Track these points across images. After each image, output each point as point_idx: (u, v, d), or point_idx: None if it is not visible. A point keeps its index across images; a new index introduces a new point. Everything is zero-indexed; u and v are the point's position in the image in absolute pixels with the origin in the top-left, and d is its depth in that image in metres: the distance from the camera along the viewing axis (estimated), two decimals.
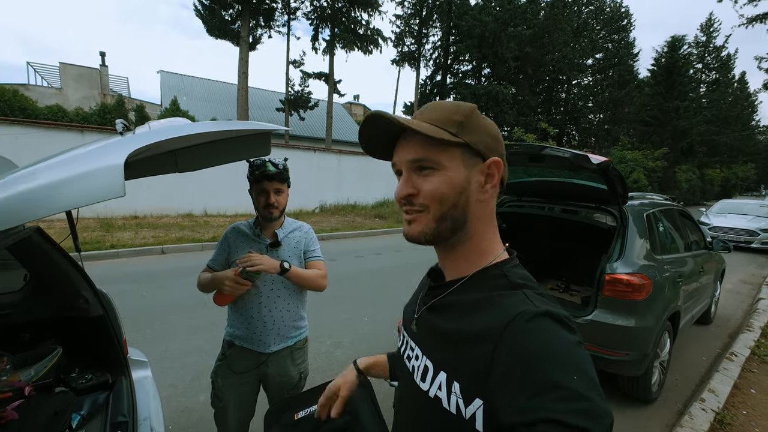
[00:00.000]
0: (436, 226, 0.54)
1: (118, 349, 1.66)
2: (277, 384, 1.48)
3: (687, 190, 23.93)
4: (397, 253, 7.13)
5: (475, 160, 0.55)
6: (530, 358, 0.42)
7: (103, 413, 1.40)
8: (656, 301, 2.40)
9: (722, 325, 4.14)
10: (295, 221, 1.58)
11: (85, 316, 1.63)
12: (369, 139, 0.60)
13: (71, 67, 16.94)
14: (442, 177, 0.53)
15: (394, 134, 0.57)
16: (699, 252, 3.45)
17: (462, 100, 7.47)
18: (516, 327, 0.45)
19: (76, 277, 1.62)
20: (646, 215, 2.69)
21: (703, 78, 31.30)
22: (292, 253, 1.49)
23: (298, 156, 11.37)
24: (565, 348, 0.43)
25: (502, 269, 0.55)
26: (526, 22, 19.89)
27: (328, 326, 3.55)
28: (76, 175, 0.64)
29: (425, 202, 0.54)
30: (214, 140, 0.93)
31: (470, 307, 0.53)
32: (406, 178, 0.56)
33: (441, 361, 0.53)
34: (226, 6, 13.70)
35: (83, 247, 5.86)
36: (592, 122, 26.19)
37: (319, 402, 0.90)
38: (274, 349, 1.45)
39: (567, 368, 0.41)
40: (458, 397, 0.48)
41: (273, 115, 18.66)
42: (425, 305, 0.62)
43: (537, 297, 0.50)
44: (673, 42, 24.22)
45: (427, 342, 0.58)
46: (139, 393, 1.62)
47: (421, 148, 0.53)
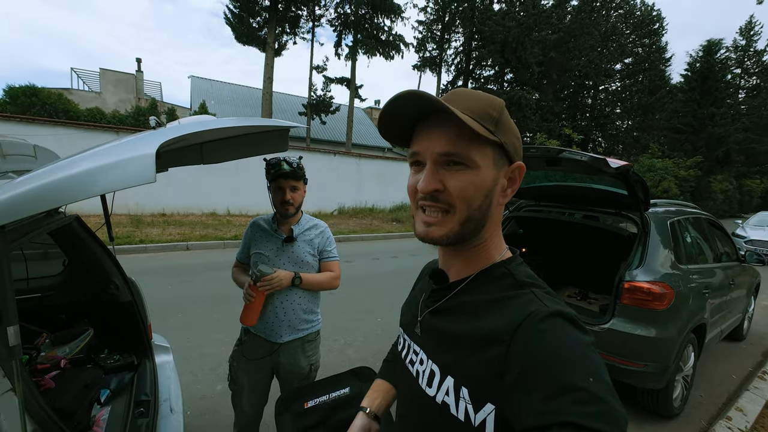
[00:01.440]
0: (460, 229, 0.51)
1: (143, 334, 1.77)
2: (288, 373, 1.53)
3: (723, 201, 22.64)
4: (413, 257, 7.13)
5: (503, 161, 0.52)
6: (544, 360, 0.41)
7: (128, 391, 1.50)
8: (679, 312, 2.31)
9: (756, 342, 3.91)
10: (312, 218, 1.62)
11: (116, 302, 1.75)
12: (392, 120, 0.53)
13: (110, 73, 18.01)
14: (472, 176, 0.49)
15: (417, 119, 0.52)
16: (730, 264, 3.28)
17: None
18: (528, 328, 0.44)
19: (108, 264, 1.75)
20: (670, 222, 2.60)
21: (743, 84, 29.65)
22: (305, 249, 1.53)
23: (319, 159, 11.58)
24: (580, 349, 0.41)
25: (507, 267, 0.54)
26: (551, 26, 19.54)
27: (342, 326, 3.61)
28: (112, 162, 0.71)
29: (452, 201, 0.50)
30: (236, 135, 1.00)
31: (477, 309, 0.51)
32: (432, 171, 0.50)
33: (448, 365, 0.51)
34: (254, 14, 14.22)
35: (115, 242, 6.22)
36: (620, 129, 25.32)
37: None
38: (286, 340, 1.50)
39: (582, 370, 0.39)
40: (467, 403, 0.47)
41: (295, 118, 19.09)
42: (428, 308, 0.60)
43: (546, 296, 0.49)
44: (709, 46, 23.13)
45: (433, 345, 0.57)
46: (161, 376, 1.72)
47: (456, 141, 0.48)
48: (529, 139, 18.69)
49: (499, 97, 0.53)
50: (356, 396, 1.55)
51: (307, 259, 1.52)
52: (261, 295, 1.42)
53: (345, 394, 1.53)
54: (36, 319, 1.61)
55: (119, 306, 1.74)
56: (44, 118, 8.30)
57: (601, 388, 0.38)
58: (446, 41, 20.28)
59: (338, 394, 1.51)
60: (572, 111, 24.64)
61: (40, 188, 0.69)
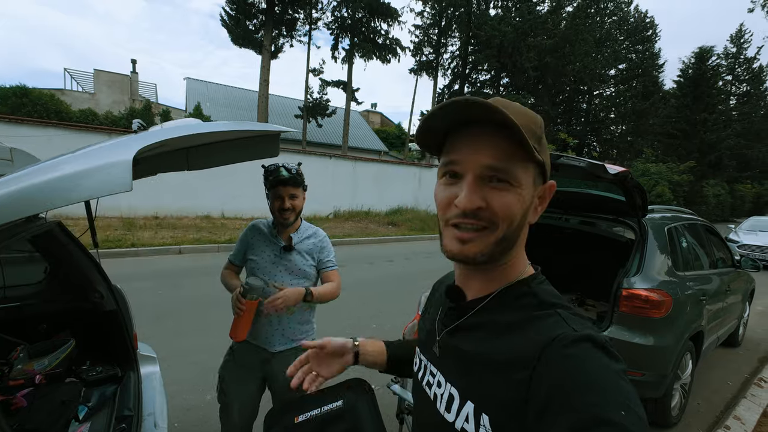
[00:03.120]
0: (495, 247, 0.48)
1: (128, 344, 1.71)
2: (281, 384, 1.48)
3: (715, 205, 22.92)
4: (408, 261, 7.08)
5: (539, 180, 0.50)
6: (571, 388, 0.38)
7: (110, 406, 1.43)
8: (677, 320, 2.28)
9: (752, 348, 3.91)
10: (311, 226, 1.59)
11: (99, 310, 1.68)
12: (433, 125, 0.49)
13: (104, 74, 17.87)
14: (516, 195, 0.47)
15: (454, 126, 0.49)
16: (725, 270, 3.28)
17: None
18: (555, 352, 0.42)
19: (92, 272, 1.68)
20: (667, 229, 2.58)
21: (733, 90, 30.13)
22: (304, 258, 1.49)
23: (314, 162, 11.53)
24: (611, 378, 0.39)
25: (529, 286, 0.51)
26: (546, 32, 19.72)
27: (335, 331, 3.55)
28: (85, 169, 0.66)
29: (495, 219, 0.47)
30: (224, 140, 0.95)
31: (500, 330, 0.49)
32: (476, 187, 0.46)
33: (468, 389, 0.49)
34: (250, 16, 14.19)
35: (105, 245, 6.11)
36: (614, 134, 25.57)
37: (298, 359, 0.80)
38: (279, 349, 1.46)
39: (614, 401, 0.37)
40: (487, 431, 0.44)
41: (291, 121, 19.07)
42: (446, 327, 0.57)
43: (573, 318, 0.46)
44: (701, 53, 23.53)
45: (451, 368, 0.54)
46: (146, 388, 1.65)
47: (504, 156, 0.45)
48: None
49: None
50: (349, 410, 1.49)
51: (304, 269, 1.47)
52: (250, 307, 1.36)
53: (338, 407, 1.47)
54: (14, 330, 1.54)
55: (103, 315, 1.68)
56: (35, 119, 8.18)
57: (633, 423, 0.35)
58: (443, 45, 20.38)
59: (330, 408, 1.46)
60: (568, 116, 24.84)
61: (5, 197, 0.64)
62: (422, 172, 14.10)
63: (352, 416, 1.56)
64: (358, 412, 1.57)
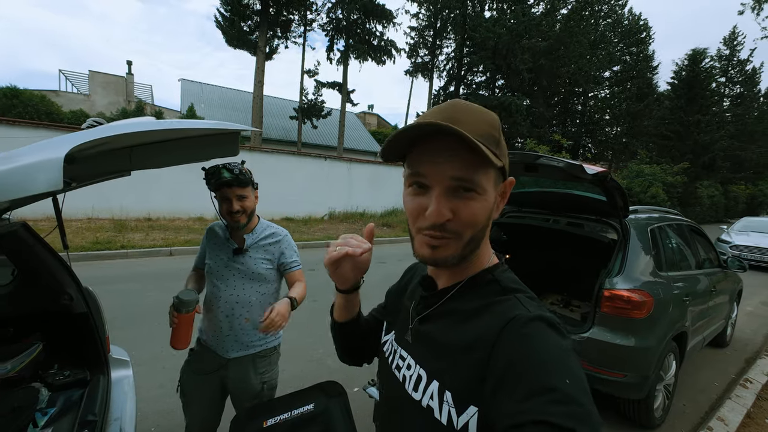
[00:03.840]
0: (463, 251, 0.52)
1: (99, 347, 1.68)
2: (237, 390, 1.45)
3: (709, 206, 23.03)
4: (401, 262, 7.06)
5: (499, 180, 0.53)
6: (524, 362, 0.42)
7: (75, 411, 1.40)
8: (659, 320, 2.27)
9: (740, 349, 3.91)
10: (270, 226, 1.51)
11: (69, 313, 1.65)
12: (397, 145, 0.50)
13: (99, 75, 17.80)
14: (481, 202, 0.49)
15: (416, 138, 0.49)
16: (712, 270, 3.28)
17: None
18: (510, 332, 0.45)
19: (61, 273, 1.65)
20: (650, 229, 2.58)
21: (727, 92, 30.35)
22: (260, 260, 1.42)
23: (309, 163, 11.50)
24: (558, 352, 0.42)
25: (493, 274, 0.55)
26: (541, 34, 19.81)
27: (323, 335, 3.51)
28: (13, 168, 0.64)
29: (459, 229, 0.49)
30: (178, 139, 0.93)
31: (466, 315, 0.52)
32: (444, 200, 0.48)
33: (435, 370, 0.52)
34: (244, 17, 14.16)
35: (95, 247, 6.06)
36: (609, 135, 25.68)
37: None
38: (233, 356, 1.41)
39: (560, 372, 0.40)
40: (450, 407, 0.47)
41: (286, 122, 19.04)
42: (418, 315, 0.60)
43: (529, 301, 0.50)
44: (694, 55, 23.69)
45: (422, 352, 0.57)
46: (116, 393, 1.62)
47: (467, 167, 0.47)
48: (520, 145, 18.83)
49: (491, 103, 0.53)
50: (321, 413, 1.46)
51: (260, 271, 1.42)
52: (184, 320, 1.34)
53: (309, 411, 1.44)
54: None
55: (73, 318, 1.65)
56: (25, 120, 8.11)
57: (577, 391, 0.39)
58: (438, 47, 20.43)
59: (301, 411, 1.42)
60: (563, 117, 24.93)
61: None
62: None
63: (324, 419, 1.53)
64: (331, 415, 1.55)
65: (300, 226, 10.06)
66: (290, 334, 3.46)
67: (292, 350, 3.16)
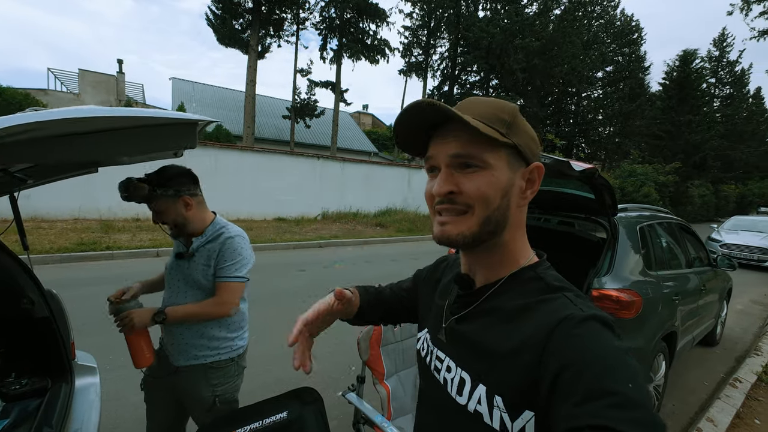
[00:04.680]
0: (479, 229, 0.50)
1: (62, 354, 1.59)
2: (187, 401, 1.38)
3: (701, 206, 23.30)
4: (394, 262, 7.00)
5: (519, 163, 0.52)
6: (580, 364, 0.40)
7: (30, 422, 1.32)
8: (648, 321, 2.23)
9: (729, 347, 3.90)
10: (224, 226, 1.35)
11: (29, 318, 1.56)
12: (407, 131, 0.54)
13: (89, 74, 17.52)
14: (487, 177, 0.49)
15: (431, 127, 0.53)
16: (701, 269, 3.25)
17: None
18: (564, 331, 0.43)
19: (21, 276, 1.56)
20: (639, 228, 2.54)
21: (717, 92, 30.76)
22: (201, 266, 1.29)
23: (301, 163, 11.40)
24: (618, 354, 0.40)
25: (536, 271, 0.53)
26: (534, 34, 19.88)
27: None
28: None
29: (470, 202, 0.50)
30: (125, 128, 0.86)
31: (509, 315, 0.50)
32: (447, 174, 0.51)
33: (479, 372, 0.50)
34: (236, 16, 14.02)
35: (79, 248, 5.92)
36: (602, 135, 25.88)
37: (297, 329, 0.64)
38: (181, 364, 1.33)
39: (621, 375, 0.38)
40: (502, 412, 0.46)
41: (279, 122, 18.90)
42: (454, 315, 0.58)
43: (580, 300, 0.48)
44: (685, 56, 23.96)
45: (462, 353, 0.55)
46: (81, 401, 1.54)
47: (468, 144, 0.49)
48: None
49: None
50: (295, 420, 1.39)
51: (198, 278, 1.29)
52: (132, 334, 1.27)
53: (282, 419, 1.37)
54: None
55: (34, 323, 1.56)
56: None
57: (640, 395, 0.37)
58: (432, 47, 20.42)
59: (273, 420, 1.35)
60: (556, 117, 25.06)
61: None
62: (411, 174, 14.05)
63: (298, 427, 1.45)
64: (305, 422, 1.47)
65: (292, 227, 9.96)
66: (276, 336, 3.38)
67: (277, 353, 3.08)
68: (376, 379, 1.69)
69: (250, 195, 10.35)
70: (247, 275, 1.35)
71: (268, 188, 10.66)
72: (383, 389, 1.67)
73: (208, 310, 1.29)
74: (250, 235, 1.47)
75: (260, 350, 3.11)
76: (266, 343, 3.23)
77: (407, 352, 1.81)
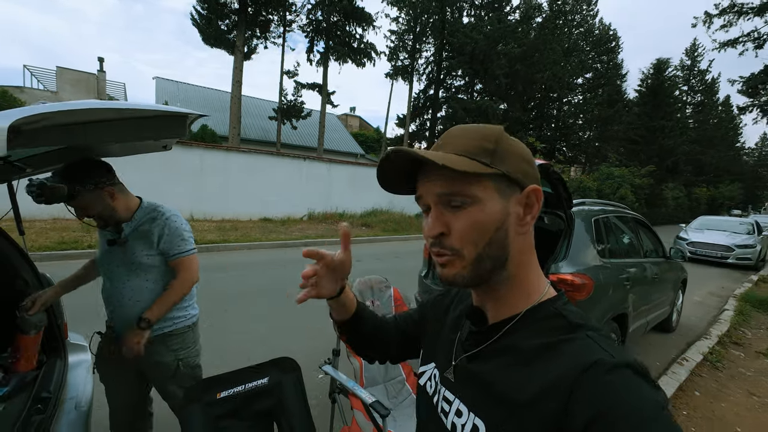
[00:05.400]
0: (474, 269, 0.48)
1: (56, 333, 1.70)
2: (151, 370, 1.46)
3: (675, 207, 24.36)
4: (378, 261, 7.18)
5: (511, 189, 0.48)
6: (618, 416, 0.37)
7: (29, 390, 1.43)
8: (599, 302, 2.48)
9: (684, 333, 4.23)
10: (154, 208, 1.40)
11: (24, 298, 1.67)
12: (387, 176, 0.54)
13: (68, 72, 17.12)
14: (476, 213, 0.47)
15: (417, 169, 0.52)
16: (655, 260, 3.55)
17: (453, 115, 7.70)
18: (594, 379, 0.39)
19: (17, 258, 1.67)
20: (594, 219, 2.80)
21: (689, 100, 32.25)
22: (140, 248, 1.34)
23: (287, 164, 11.47)
24: (655, 408, 0.37)
25: (555, 307, 0.49)
26: (516, 40, 20.51)
27: (291, 329, 3.58)
28: None
29: (456, 245, 0.48)
30: (123, 119, 1.01)
31: (528, 355, 0.46)
32: (437, 214, 0.49)
33: (496, 420, 0.46)
34: (222, 16, 14.02)
35: (60, 247, 5.87)
36: (582, 139, 26.78)
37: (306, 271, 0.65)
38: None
39: (659, 430, 0.36)
40: None
41: (265, 123, 18.88)
42: (466, 352, 0.54)
43: (607, 342, 0.44)
44: (659, 64, 25.11)
45: (474, 396, 0.50)
46: (74, 375, 1.65)
47: (452, 181, 0.47)
48: None
49: (469, 107, 0.55)
50: (275, 386, 1.55)
51: (141, 260, 1.34)
52: (27, 344, 1.38)
53: (263, 384, 1.52)
54: None
55: None
56: None
57: None
58: (418, 51, 20.79)
59: (255, 385, 1.50)
60: (539, 121, 25.81)
61: None
62: None
63: (278, 392, 1.62)
64: (284, 388, 1.64)
65: (278, 227, 10.02)
66: (258, 325, 3.51)
67: (256, 341, 3.21)
68: (349, 352, 1.86)
69: (235, 195, 10.37)
70: (194, 246, 1.48)
71: (254, 188, 10.69)
72: (356, 361, 1.84)
73: (179, 291, 1.39)
74: (236, 235, 1.59)
75: (242, 337, 3.24)
76: (251, 331, 3.36)
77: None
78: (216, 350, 2.84)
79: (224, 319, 3.60)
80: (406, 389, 1.90)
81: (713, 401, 2.67)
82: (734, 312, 4.84)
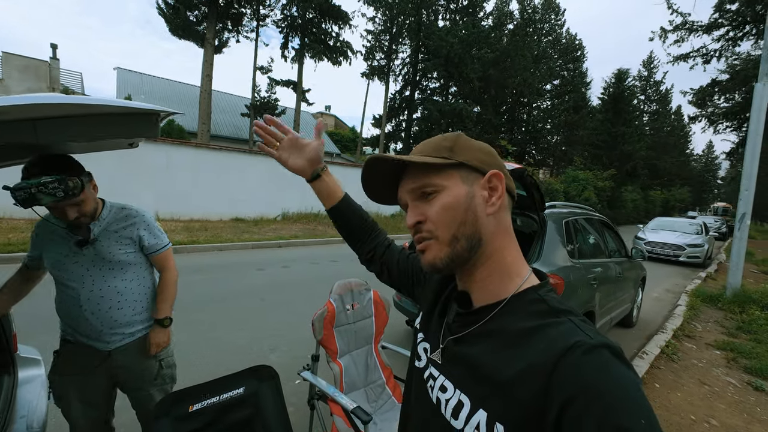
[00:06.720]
0: (451, 249, 0.53)
1: (3, 345, 1.55)
2: (133, 376, 1.39)
3: (632, 208, 26.01)
4: (354, 263, 7.11)
5: (474, 175, 0.55)
6: (593, 395, 0.38)
7: None
8: (569, 300, 2.59)
9: (643, 328, 4.51)
10: (119, 207, 1.35)
11: None
12: (372, 186, 0.64)
13: (15, 58, 15.76)
14: (444, 197, 0.54)
15: (395, 178, 0.61)
16: (619, 259, 3.76)
17: (428, 116, 9.51)
18: (573, 359, 0.41)
19: None
20: (565, 222, 2.92)
21: (645, 108, 34.56)
22: (116, 246, 1.30)
23: (261, 162, 11.15)
24: (631, 388, 0.39)
25: (539, 293, 0.52)
26: (489, 46, 21.10)
27: (271, 330, 3.48)
28: None
29: (432, 228, 0.54)
30: (87, 114, 0.93)
31: (512, 338, 0.49)
32: (413, 207, 0.57)
33: (480, 397, 0.48)
34: (191, 7, 13.42)
35: (6, 249, 5.38)
36: (550, 143, 28.00)
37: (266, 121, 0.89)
38: (116, 346, 1.34)
39: (634, 410, 0.38)
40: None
41: (237, 120, 18.29)
42: (453, 335, 0.56)
43: (587, 326, 0.46)
44: (619, 74, 26.69)
45: (461, 375, 0.53)
46: (25, 391, 1.52)
47: (420, 176, 0.56)
48: None
49: (444, 109, 0.65)
50: (252, 395, 1.48)
51: (119, 258, 1.30)
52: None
53: (238, 394, 1.45)
54: None
55: None
56: None
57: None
58: (394, 52, 20.89)
59: (231, 395, 1.43)
60: (510, 125, 26.71)
61: None
62: None
63: (255, 401, 1.55)
64: (261, 397, 1.57)
65: (250, 227, 9.73)
66: (239, 332, 3.38)
67: (233, 347, 3.09)
68: (329, 357, 1.83)
69: (205, 194, 9.95)
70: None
71: (224, 187, 10.32)
72: (336, 366, 1.81)
73: (174, 283, 1.44)
74: (205, 235, 1.54)
75: (216, 345, 3.11)
76: (225, 338, 3.23)
77: (359, 333, 1.96)
78: (189, 359, 2.71)
79: (196, 326, 3.44)
80: (386, 392, 1.90)
81: (670, 392, 2.86)
82: (686, 307, 5.21)
